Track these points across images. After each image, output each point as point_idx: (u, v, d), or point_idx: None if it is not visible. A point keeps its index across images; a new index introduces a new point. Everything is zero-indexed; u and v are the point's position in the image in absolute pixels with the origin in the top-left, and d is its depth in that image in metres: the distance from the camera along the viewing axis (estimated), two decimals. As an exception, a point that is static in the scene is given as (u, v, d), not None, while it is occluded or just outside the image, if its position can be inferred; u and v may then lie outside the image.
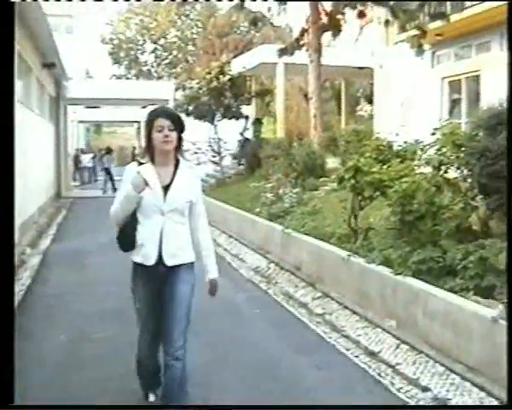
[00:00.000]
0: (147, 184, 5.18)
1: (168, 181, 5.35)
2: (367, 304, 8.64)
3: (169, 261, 5.35)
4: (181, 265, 5.43)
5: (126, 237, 5.42)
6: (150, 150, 5.34)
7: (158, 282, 5.41)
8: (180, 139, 5.38)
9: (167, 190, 5.31)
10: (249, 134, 29.99)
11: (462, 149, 9.18)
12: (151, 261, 5.33)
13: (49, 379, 6.76)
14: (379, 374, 6.88)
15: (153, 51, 67.56)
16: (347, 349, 7.69)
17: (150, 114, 5.38)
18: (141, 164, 5.39)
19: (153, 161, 5.36)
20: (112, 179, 32.80)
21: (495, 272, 7.09)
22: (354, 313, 8.85)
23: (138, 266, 5.45)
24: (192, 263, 5.51)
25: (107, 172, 33.67)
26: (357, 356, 7.48)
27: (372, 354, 7.49)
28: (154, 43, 66.73)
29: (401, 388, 6.52)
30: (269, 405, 6.15)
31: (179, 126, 5.34)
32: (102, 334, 8.42)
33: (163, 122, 5.23)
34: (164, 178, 5.34)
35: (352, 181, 10.01)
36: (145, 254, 5.35)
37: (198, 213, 5.55)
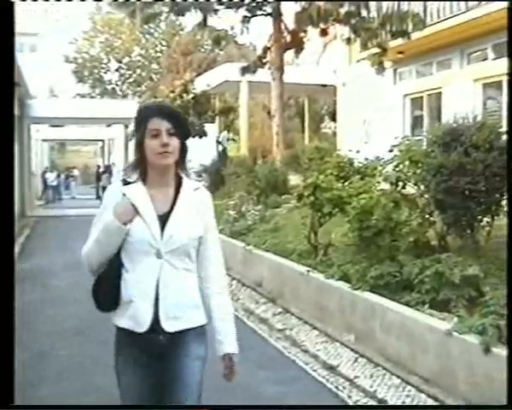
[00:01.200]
0: (136, 211, 3.68)
1: (167, 208, 3.75)
2: (326, 319, 8.73)
3: (169, 326, 3.67)
4: (187, 331, 3.75)
5: (106, 290, 3.77)
6: (141, 164, 3.76)
7: (154, 357, 3.74)
8: (183, 149, 3.77)
9: (166, 222, 3.71)
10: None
11: (419, 165, 9.31)
12: (143, 326, 3.65)
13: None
14: (336, 387, 6.96)
15: (117, 70, 67.48)
16: (306, 364, 7.75)
17: (141, 111, 3.86)
18: (127, 183, 3.82)
19: (144, 179, 3.78)
20: None
21: (450, 285, 7.20)
22: (314, 327, 8.96)
23: (124, 334, 3.74)
24: (202, 327, 3.83)
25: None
26: (315, 370, 7.55)
27: (331, 368, 7.57)
28: (119, 61, 66.68)
29: (358, 400, 6.62)
30: (269, 405, 6.24)
31: (182, 130, 3.77)
32: (64, 352, 8.46)
33: (159, 124, 3.66)
34: (161, 205, 3.74)
35: (312, 198, 10.14)
36: (134, 316, 3.66)
37: (209, 254, 3.90)
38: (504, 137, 8.62)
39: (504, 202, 8.83)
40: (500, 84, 18.51)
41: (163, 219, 3.72)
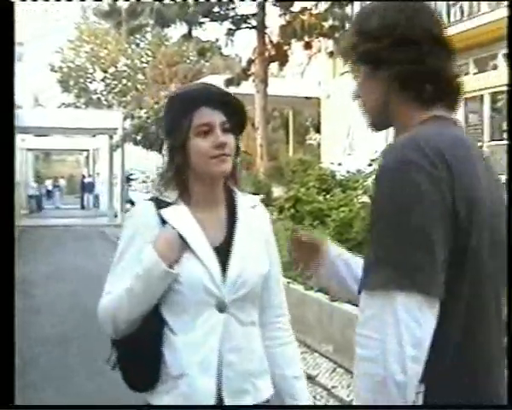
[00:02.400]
0: (186, 246, 2.59)
1: (222, 238, 2.69)
2: (305, 329, 8.88)
3: (235, 403, 2.61)
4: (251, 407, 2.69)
5: (142, 361, 2.62)
6: (181, 176, 2.66)
7: None
8: (238, 149, 2.74)
9: (227, 258, 2.64)
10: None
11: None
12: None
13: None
14: (314, 397, 7.10)
15: (102, 80, 67.51)
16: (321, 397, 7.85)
17: (181, 100, 2.70)
18: (161, 203, 2.67)
19: (187, 197, 2.68)
20: (132, 205, 32.39)
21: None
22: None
23: None
24: (268, 401, 2.76)
25: (131, 202, 33.07)
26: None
27: (309, 378, 7.69)
28: (104, 71, 66.72)
29: (335, 409, 6.79)
30: (269, 405, 6.41)
31: (240, 122, 2.73)
32: (47, 358, 8.65)
33: (211, 116, 2.60)
34: (214, 234, 2.68)
35: (292, 210, 10.33)
36: (189, 395, 2.54)
37: (274, 296, 2.85)
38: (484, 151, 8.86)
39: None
40: (481, 99, 18.79)
41: (221, 255, 2.64)
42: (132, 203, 32.53)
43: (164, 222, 2.61)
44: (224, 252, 2.64)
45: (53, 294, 13.54)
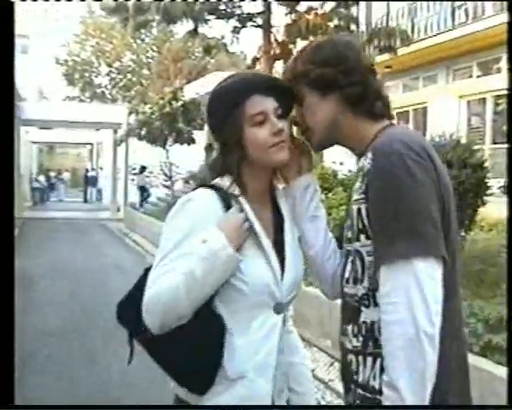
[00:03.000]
0: (253, 231, 2.51)
1: (272, 236, 2.63)
2: (304, 325, 9.02)
3: (279, 402, 2.65)
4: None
5: (205, 361, 2.47)
6: (236, 168, 2.56)
7: None
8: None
9: (282, 258, 2.60)
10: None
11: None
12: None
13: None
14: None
15: (107, 74, 67.61)
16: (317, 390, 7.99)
17: (230, 89, 2.57)
18: (219, 191, 2.56)
19: (243, 189, 2.57)
20: (148, 196, 32.50)
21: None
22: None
23: None
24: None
25: (143, 189, 33.19)
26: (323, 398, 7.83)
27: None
28: (109, 65, 66.81)
29: (331, 401, 6.97)
30: (270, 405, 6.53)
31: (290, 105, 2.57)
32: (47, 351, 8.80)
33: (265, 104, 2.51)
34: (266, 228, 2.59)
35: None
36: (247, 398, 2.48)
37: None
38: (478, 154, 9.08)
39: (477, 218, 9.25)
40: (484, 101, 18.92)
41: (277, 253, 2.58)
42: (145, 190, 32.57)
43: (228, 208, 2.51)
44: (278, 250, 2.59)
45: (54, 286, 13.74)
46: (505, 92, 16.61)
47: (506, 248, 6.64)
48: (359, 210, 2.23)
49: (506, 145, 10.03)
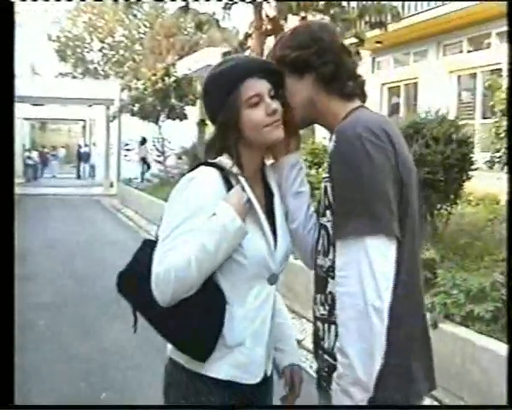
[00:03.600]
0: (252, 207, 2.66)
1: (266, 208, 2.80)
2: (293, 297, 9.19)
3: (269, 370, 2.85)
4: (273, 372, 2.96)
5: (210, 330, 2.61)
6: (235, 147, 2.68)
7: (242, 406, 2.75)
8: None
9: (274, 231, 2.76)
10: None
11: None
12: (258, 376, 2.74)
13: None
14: (300, 359, 7.45)
15: (100, 50, 67.52)
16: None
17: (225, 73, 2.69)
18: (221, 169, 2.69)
19: (241, 167, 2.69)
20: (149, 168, 32.38)
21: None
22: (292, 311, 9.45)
23: (223, 387, 2.67)
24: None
25: (144, 161, 33.04)
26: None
27: (297, 342, 8.08)
28: (101, 41, 66.70)
29: (318, 369, 7.17)
30: (270, 405, 6.71)
31: (280, 86, 2.68)
32: (42, 322, 9.02)
33: (260, 86, 2.65)
34: (261, 203, 2.75)
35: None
36: (245, 365, 2.68)
37: None
38: (464, 130, 9.24)
39: (465, 192, 9.44)
40: (474, 76, 19.02)
41: (269, 226, 2.74)
42: (145, 162, 32.48)
43: (230, 188, 2.63)
44: (269, 225, 2.72)
45: (48, 261, 13.90)
46: (495, 67, 16.79)
47: (506, 248, 6.81)
48: (326, 188, 2.39)
49: (493, 120, 10.16)
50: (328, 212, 2.39)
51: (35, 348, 7.89)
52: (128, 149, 36.07)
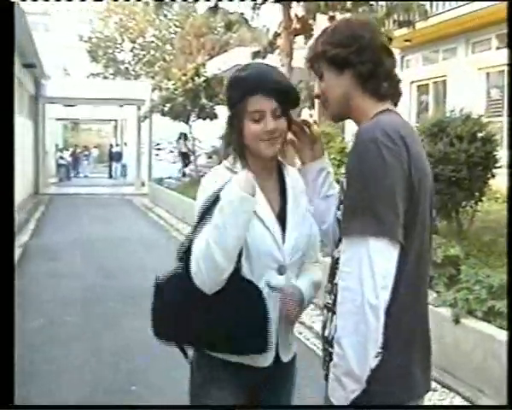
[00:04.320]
0: (255, 214, 2.85)
1: (278, 206, 3.03)
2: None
3: (285, 357, 3.06)
4: (294, 358, 3.19)
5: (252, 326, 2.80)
6: (240, 150, 2.97)
7: (259, 389, 3.06)
8: (289, 121, 2.95)
9: (284, 224, 2.99)
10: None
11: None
12: (268, 360, 2.96)
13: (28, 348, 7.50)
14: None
15: (131, 50, 67.75)
16: (300, 333, 8.24)
17: (237, 84, 2.94)
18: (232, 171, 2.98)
19: (248, 168, 2.89)
20: (189, 162, 32.44)
21: (433, 264, 7.80)
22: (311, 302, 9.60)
23: (236, 369, 2.95)
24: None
25: (185, 155, 33.16)
26: (308, 339, 8.22)
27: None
28: (132, 42, 66.94)
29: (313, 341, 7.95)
30: (270, 405, 6.82)
31: (292, 104, 2.97)
32: (73, 318, 9.24)
33: (263, 104, 2.86)
34: (272, 201, 3.01)
35: (311, 181, 10.77)
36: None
37: (313, 249, 3.16)
38: (488, 128, 9.32)
39: (492, 189, 9.52)
40: (503, 74, 19.00)
41: (280, 221, 2.97)
42: (186, 156, 32.55)
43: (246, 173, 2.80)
44: (281, 219, 2.97)
45: (79, 259, 14.17)
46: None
47: (506, 244, 6.91)
48: (342, 183, 2.54)
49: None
50: (341, 206, 2.52)
51: (65, 343, 8.16)
52: (159, 149, 36.31)
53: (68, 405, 6.13)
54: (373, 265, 2.26)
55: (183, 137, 32.72)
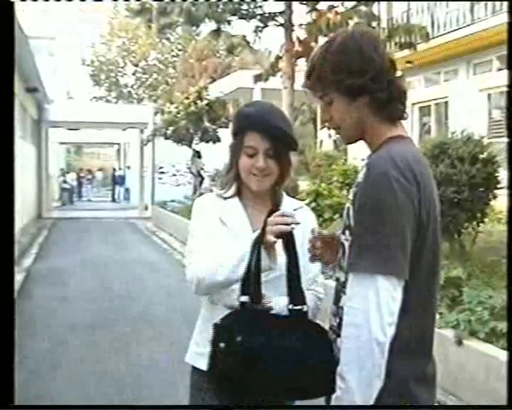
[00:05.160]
0: (232, 232, 3.17)
1: None
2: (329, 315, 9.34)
3: None
4: None
5: None
6: (234, 178, 3.22)
7: None
8: (286, 166, 3.15)
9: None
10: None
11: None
12: None
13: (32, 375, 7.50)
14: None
15: (133, 73, 67.89)
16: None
17: (240, 119, 3.20)
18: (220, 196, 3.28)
19: (239, 195, 3.26)
20: (203, 180, 32.30)
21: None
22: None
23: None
24: None
25: (198, 174, 33.06)
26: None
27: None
28: (135, 65, 67.12)
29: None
30: (270, 405, 6.82)
31: (286, 147, 3.12)
32: (77, 342, 9.24)
33: (257, 142, 3.06)
34: (258, 224, 2.98)
35: (313, 204, 10.81)
36: None
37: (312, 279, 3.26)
38: (489, 149, 9.36)
39: (488, 211, 9.54)
40: (504, 95, 19.08)
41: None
42: (200, 175, 32.40)
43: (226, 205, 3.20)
44: None
45: (83, 282, 14.15)
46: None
47: (506, 248, 6.92)
48: (348, 209, 2.51)
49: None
50: (347, 231, 2.50)
51: (69, 368, 8.14)
52: (162, 172, 36.33)
53: (68, 405, 6.21)
54: (380, 302, 2.26)
55: (197, 155, 32.72)
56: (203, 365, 2.90)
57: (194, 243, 3.21)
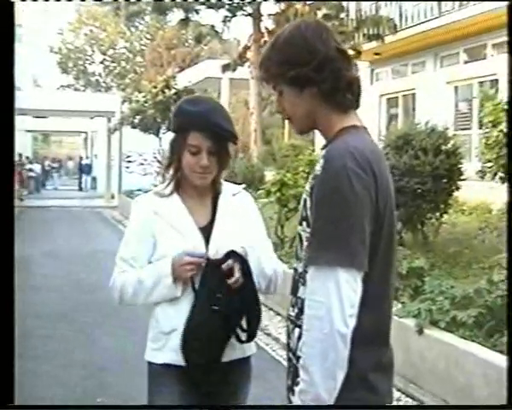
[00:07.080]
0: (174, 227, 3.27)
1: (207, 220, 3.32)
2: (288, 305, 9.37)
3: (226, 357, 3.33)
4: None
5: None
6: (176, 175, 3.30)
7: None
8: (226, 158, 3.31)
9: (209, 235, 3.27)
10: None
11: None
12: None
13: None
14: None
15: (101, 62, 67.58)
16: (267, 344, 8.34)
17: (181, 117, 3.23)
18: (159, 195, 3.36)
19: (179, 190, 3.33)
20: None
21: (398, 276, 7.86)
22: (277, 314, 9.59)
23: (173, 371, 3.28)
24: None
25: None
26: (274, 350, 8.18)
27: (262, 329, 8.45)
28: (103, 53, 66.81)
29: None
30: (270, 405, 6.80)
31: (228, 142, 3.27)
32: (44, 332, 9.17)
33: (201, 142, 3.16)
34: (200, 217, 3.30)
35: (278, 194, 10.81)
36: (178, 350, 3.17)
37: (262, 259, 3.34)
38: (453, 141, 9.43)
39: (451, 202, 9.62)
40: (470, 87, 19.20)
41: (206, 232, 3.24)
42: None
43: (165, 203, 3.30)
44: (207, 231, 3.24)
45: (51, 272, 14.02)
46: (491, 78, 17.02)
47: (506, 248, 6.97)
48: (305, 200, 2.48)
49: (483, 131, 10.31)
50: (304, 223, 2.48)
51: (37, 358, 8.05)
52: (129, 161, 36.23)
53: (68, 405, 6.14)
54: (342, 294, 2.26)
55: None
56: (160, 359, 3.22)
57: (123, 251, 3.44)
